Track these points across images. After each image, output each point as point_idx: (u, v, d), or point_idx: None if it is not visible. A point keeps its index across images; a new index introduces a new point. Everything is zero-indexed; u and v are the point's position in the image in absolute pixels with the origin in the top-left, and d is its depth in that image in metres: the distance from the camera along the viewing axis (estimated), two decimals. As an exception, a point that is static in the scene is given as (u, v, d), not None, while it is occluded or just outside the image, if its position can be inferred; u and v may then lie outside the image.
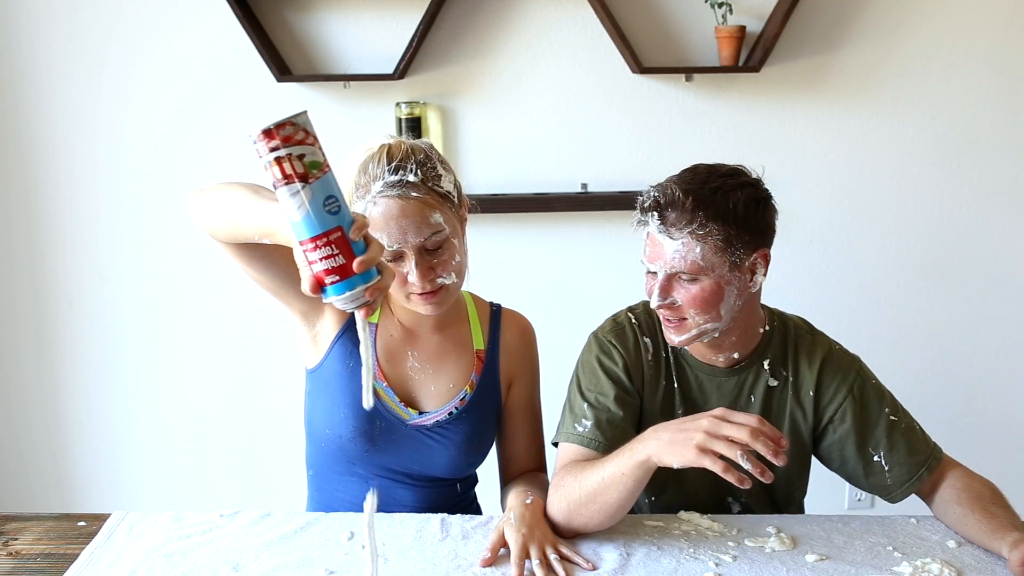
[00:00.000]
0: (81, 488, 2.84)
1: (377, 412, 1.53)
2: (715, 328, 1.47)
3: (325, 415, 1.55)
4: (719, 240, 1.41)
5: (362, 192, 1.44)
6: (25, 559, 1.41)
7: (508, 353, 1.62)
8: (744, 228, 1.43)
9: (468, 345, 1.60)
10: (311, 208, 1.04)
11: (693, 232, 1.41)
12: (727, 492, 1.61)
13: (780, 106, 2.60)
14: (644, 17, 2.55)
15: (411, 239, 1.41)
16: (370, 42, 2.56)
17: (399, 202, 1.42)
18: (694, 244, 1.41)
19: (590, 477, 1.39)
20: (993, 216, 2.68)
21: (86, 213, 2.66)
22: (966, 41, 2.58)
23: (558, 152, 2.62)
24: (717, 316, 1.46)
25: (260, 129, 1.05)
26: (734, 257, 1.43)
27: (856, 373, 1.56)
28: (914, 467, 1.51)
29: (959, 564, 1.37)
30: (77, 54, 2.57)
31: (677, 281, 1.45)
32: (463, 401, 1.56)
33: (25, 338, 2.76)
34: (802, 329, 1.60)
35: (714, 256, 1.42)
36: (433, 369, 1.57)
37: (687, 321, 1.46)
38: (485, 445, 1.63)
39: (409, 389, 1.56)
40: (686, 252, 1.41)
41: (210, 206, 1.32)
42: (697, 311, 1.44)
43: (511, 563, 1.34)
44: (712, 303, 1.44)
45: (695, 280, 1.43)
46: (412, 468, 1.57)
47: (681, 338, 1.48)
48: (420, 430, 1.55)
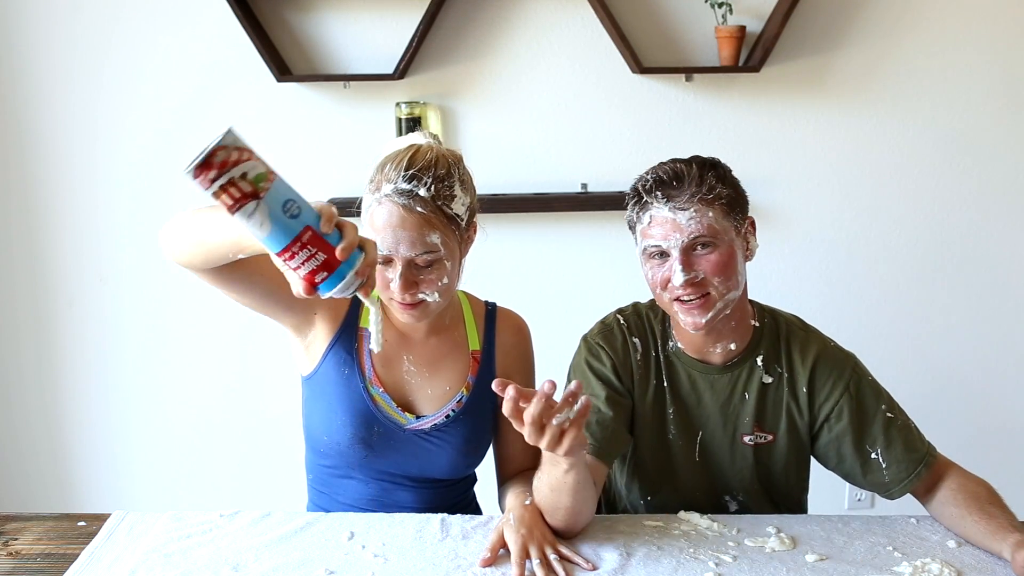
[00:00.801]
0: (81, 488, 2.84)
1: (374, 418, 1.53)
2: (735, 298, 1.49)
3: (322, 422, 1.55)
4: (724, 203, 1.46)
5: (373, 187, 1.44)
6: (25, 559, 1.41)
7: (504, 353, 1.61)
8: (738, 191, 1.49)
9: (464, 347, 1.59)
10: (273, 221, 1.03)
11: (702, 198, 1.44)
12: (724, 491, 1.61)
13: (780, 106, 2.60)
14: (644, 17, 2.55)
15: (402, 251, 1.41)
16: (370, 42, 2.56)
17: (401, 212, 1.41)
18: (705, 209, 1.44)
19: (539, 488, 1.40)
20: (993, 216, 2.68)
21: (86, 213, 2.66)
22: (966, 41, 2.58)
23: (558, 152, 2.62)
24: (736, 283, 1.48)
25: (193, 165, 1.00)
26: (735, 221, 1.48)
27: (852, 370, 1.56)
28: (912, 464, 1.51)
29: (959, 564, 1.37)
30: (77, 53, 2.57)
31: (694, 253, 1.46)
32: (460, 404, 1.56)
33: (25, 338, 2.76)
34: (795, 325, 1.60)
35: (724, 219, 1.46)
36: (429, 372, 1.56)
37: (711, 295, 1.46)
38: (483, 445, 1.63)
39: (405, 393, 1.56)
40: (700, 217, 1.44)
41: (178, 236, 1.32)
42: (720, 279, 1.45)
43: (512, 563, 1.34)
44: (732, 268, 1.46)
45: (712, 247, 1.45)
46: (411, 471, 1.57)
47: (707, 316, 1.47)
48: (418, 434, 1.55)
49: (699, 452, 1.59)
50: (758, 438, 1.57)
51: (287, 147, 2.60)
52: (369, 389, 1.53)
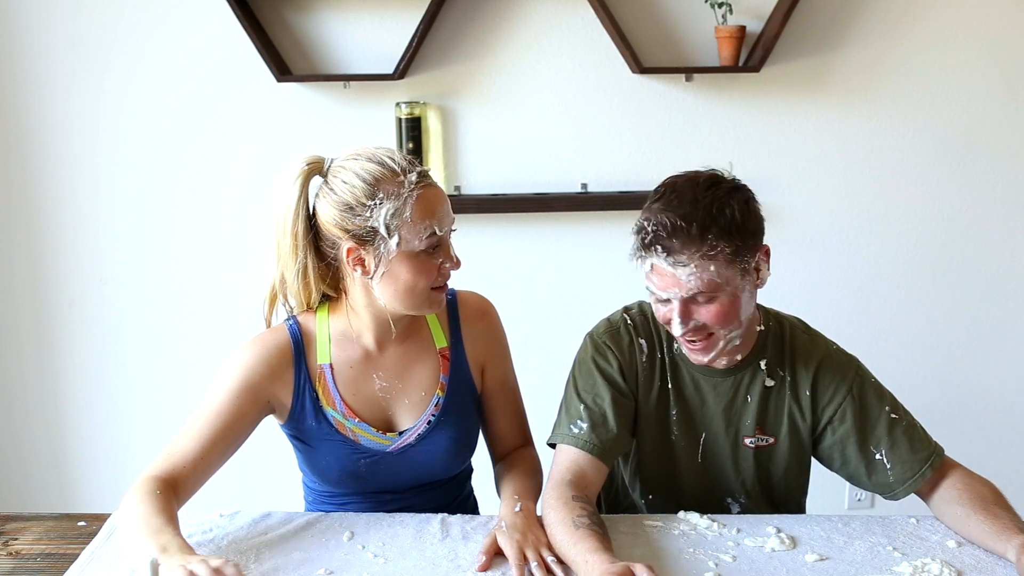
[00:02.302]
0: (81, 488, 2.84)
1: (357, 451, 1.52)
2: (739, 335, 1.48)
3: (307, 464, 1.58)
4: (728, 254, 1.40)
5: (393, 191, 1.41)
6: (25, 559, 1.41)
7: (472, 341, 1.59)
8: (746, 234, 1.42)
9: (430, 347, 1.57)
10: None
11: (703, 255, 1.39)
12: (726, 493, 1.61)
13: (780, 106, 2.60)
14: (644, 17, 2.55)
15: (449, 221, 1.47)
16: (370, 42, 2.56)
17: (436, 190, 1.46)
18: (707, 264, 1.39)
19: (560, 548, 1.36)
20: (993, 216, 2.68)
21: (86, 213, 2.66)
22: (966, 41, 2.57)
23: (558, 152, 2.62)
24: (739, 324, 1.46)
25: None
26: (743, 264, 1.42)
27: (855, 373, 1.56)
28: (917, 464, 1.51)
29: (959, 564, 1.37)
30: (78, 53, 2.57)
31: (694, 304, 1.43)
32: (438, 407, 1.55)
33: (25, 338, 2.76)
34: (798, 329, 1.60)
35: (727, 270, 1.41)
36: (401, 383, 1.55)
37: (713, 336, 1.46)
38: (472, 439, 1.63)
39: (383, 411, 1.54)
40: (700, 273, 1.39)
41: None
42: (721, 326, 1.44)
43: (511, 568, 1.33)
44: (734, 314, 1.44)
45: (713, 298, 1.42)
46: (406, 482, 1.57)
47: (710, 356, 1.48)
48: (404, 450, 1.54)
49: (702, 454, 1.59)
50: (759, 440, 1.57)
51: (287, 147, 2.60)
52: (344, 427, 1.52)
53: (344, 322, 1.53)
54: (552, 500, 1.44)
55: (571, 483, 1.45)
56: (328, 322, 1.54)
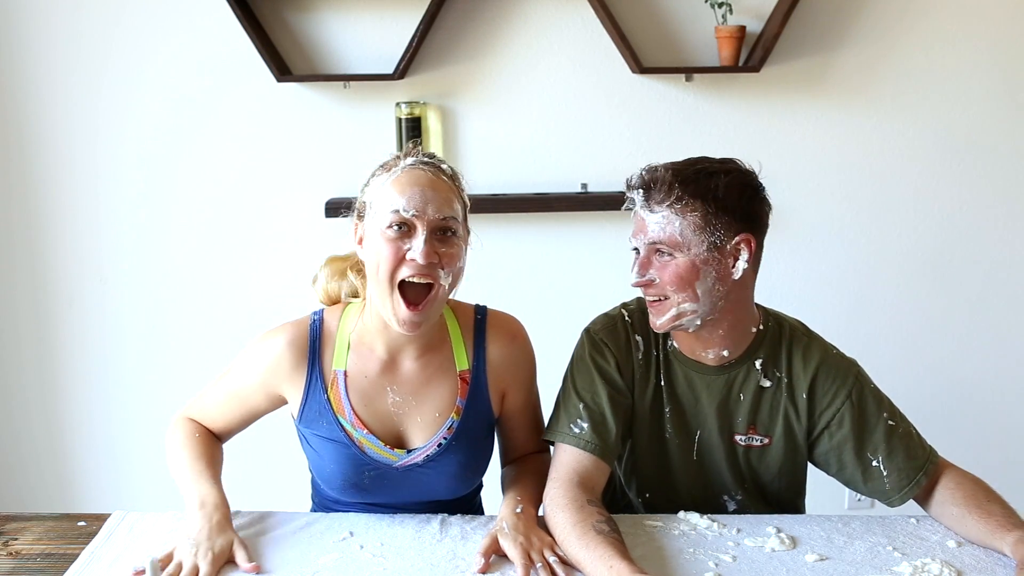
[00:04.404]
0: (81, 488, 2.84)
1: (362, 462, 1.49)
2: (694, 311, 1.47)
3: (314, 466, 1.57)
4: (697, 217, 1.44)
5: (384, 169, 1.45)
6: (25, 559, 1.41)
7: (495, 368, 1.54)
8: (723, 210, 1.45)
9: (451, 368, 1.52)
10: None
11: (671, 206, 1.44)
12: (722, 490, 1.61)
13: (780, 106, 2.60)
14: (644, 17, 2.55)
15: (430, 212, 1.39)
16: (370, 42, 2.56)
17: (429, 175, 1.42)
18: (674, 218, 1.44)
19: (572, 550, 1.35)
20: (993, 216, 2.68)
21: (86, 213, 2.66)
22: (966, 41, 2.57)
23: (558, 152, 2.62)
24: (694, 296, 1.46)
25: None
26: (713, 237, 1.45)
27: (854, 378, 1.55)
28: (912, 472, 1.51)
29: (959, 564, 1.37)
30: (77, 53, 2.57)
31: (656, 256, 1.48)
32: (451, 430, 1.51)
33: (25, 338, 2.75)
34: (798, 331, 1.59)
35: (692, 234, 1.44)
36: (416, 400, 1.51)
37: (666, 300, 1.48)
38: (482, 464, 1.59)
39: (394, 426, 1.51)
40: (665, 224, 1.45)
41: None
42: (674, 288, 1.46)
43: (517, 570, 1.33)
44: (688, 280, 1.45)
45: (671, 256, 1.46)
46: (410, 500, 1.55)
47: (661, 320, 1.50)
48: (411, 468, 1.51)
49: (697, 452, 1.59)
50: (752, 440, 1.57)
51: (287, 147, 2.61)
52: (352, 436, 1.49)
53: (363, 327, 1.50)
54: (561, 500, 1.42)
55: (580, 485, 1.45)
56: (350, 325, 1.51)
